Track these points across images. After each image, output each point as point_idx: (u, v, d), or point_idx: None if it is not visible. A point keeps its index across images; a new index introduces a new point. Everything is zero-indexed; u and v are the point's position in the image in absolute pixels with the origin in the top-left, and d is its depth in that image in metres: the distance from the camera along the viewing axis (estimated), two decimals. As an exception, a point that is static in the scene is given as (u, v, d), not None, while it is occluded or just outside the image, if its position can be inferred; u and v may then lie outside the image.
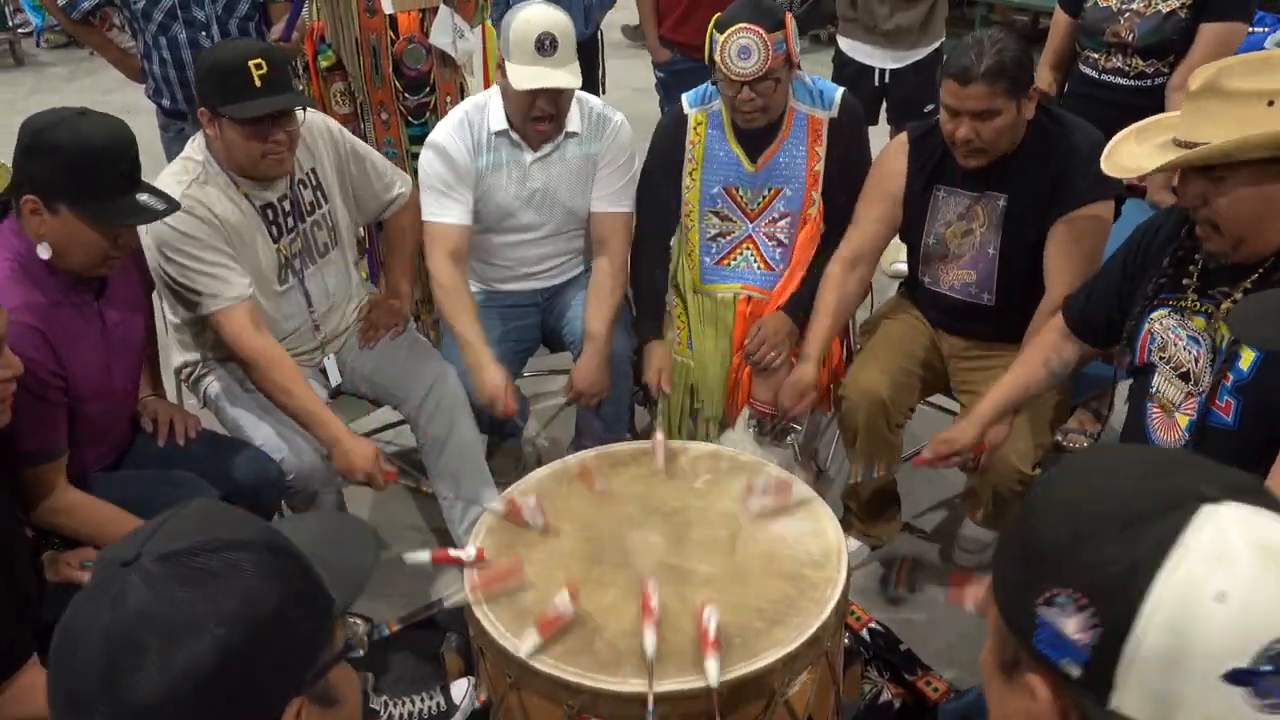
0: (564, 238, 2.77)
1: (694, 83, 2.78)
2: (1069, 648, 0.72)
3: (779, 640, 1.67)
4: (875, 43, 3.73)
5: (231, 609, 0.80)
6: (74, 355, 1.97)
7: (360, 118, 3.20)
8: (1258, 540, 0.69)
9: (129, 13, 3.11)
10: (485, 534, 1.95)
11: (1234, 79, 1.69)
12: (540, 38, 2.39)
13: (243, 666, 0.79)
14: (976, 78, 2.17)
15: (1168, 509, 0.71)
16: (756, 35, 2.37)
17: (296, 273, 2.49)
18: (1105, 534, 0.72)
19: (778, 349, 2.60)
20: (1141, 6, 2.73)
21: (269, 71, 2.20)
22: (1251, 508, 0.71)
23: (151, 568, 0.81)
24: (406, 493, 3.07)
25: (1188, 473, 0.74)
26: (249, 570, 0.82)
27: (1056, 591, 0.73)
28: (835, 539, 1.90)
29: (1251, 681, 0.68)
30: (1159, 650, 0.69)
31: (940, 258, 2.50)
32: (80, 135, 1.91)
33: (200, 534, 0.84)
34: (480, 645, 1.78)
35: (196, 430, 2.35)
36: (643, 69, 4.27)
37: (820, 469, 3.02)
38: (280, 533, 0.89)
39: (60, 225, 1.92)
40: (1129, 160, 1.89)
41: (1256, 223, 1.74)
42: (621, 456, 2.17)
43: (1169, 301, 1.94)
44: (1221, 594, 0.68)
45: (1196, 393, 1.88)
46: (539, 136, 2.57)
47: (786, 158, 2.63)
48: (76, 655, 0.80)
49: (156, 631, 0.78)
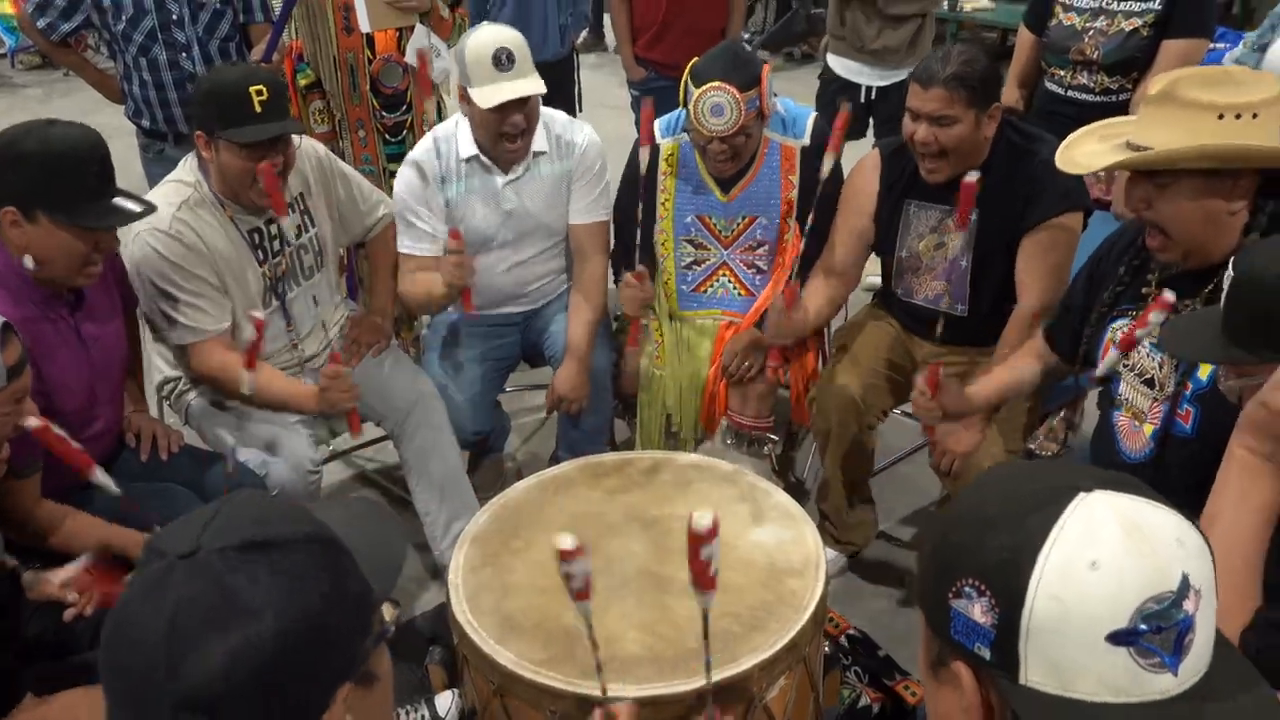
0: (543, 258, 2.79)
1: (668, 100, 2.82)
2: (978, 632, 0.80)
3: (758, 645, 1.70)
4: (862, 60, 3.80)
5: (287, 600, 0.83)
6: (53, 368, 1.99)
7: (338, 135, 3.23)
8: (1125, 516, 0.77)
9: (109, 34, 3.12)
10: (469, 545, 1.97)
11: (1190, 89, 1.75)
12: (496, 54, 2.43)
13: (299, 655, 0.83)
14: (938, 82, 2.23)
15: (1048, 499, 0.80)
16: (729, 94, 2.39)
17: (279, 295, 2.52)
18: (998, 526, 0.80)
19: (751, 360, 2.64)
20: (1105, 25, 2.80)
21: (269, 98, 2.24)
22: (1122, 494, 0.79)
23: (210, 560, 0.83)
24: (390, 508, 3.08)
25: (1067, 471, 0.83)
26: (302, 562, 0.86)
27: (962, 583, 0.81)
28: (814, 546, 1.93)
29: (1132, 641, 0.75)
30: (1048, 620, 0.76)
31: (913, 270, 2.55)
32: (49, 142, 1.94)
33: (255, 527, 0.86)
34: (464, 652, 1.80)
35: (179, 445, 2.36)
36: (618, 86, 4.31)
37: (798, 479, 3.05)
38: (325, 525, 0.92)
39: (40, 234, 1.94)
40: (1083, 157, 1.94)
41: (1199, 232, 1.79)
42: (604, 466, 2.20)
43: (1129, 312, 1.98)
44: (1094, 563, 0.76)
45: (1163, 399, 1.92)
46: (511, 157, 2.60)
47: (760, 188, 2.66)
48: (135, 644, 0.82)
49: (217, 622, 0.81)
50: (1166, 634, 0.76)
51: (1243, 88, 1.74)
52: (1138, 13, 2.76)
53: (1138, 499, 0.80)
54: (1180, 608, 0.76)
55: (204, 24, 3.11)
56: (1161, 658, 0.76)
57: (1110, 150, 1.87)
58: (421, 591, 2.73)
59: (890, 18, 3.69)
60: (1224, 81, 1.76)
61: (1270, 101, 1.72)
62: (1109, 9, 2.80)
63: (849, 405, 2.50)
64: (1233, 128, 1.70)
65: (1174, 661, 0.76)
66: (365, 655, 0.90)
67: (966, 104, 2.24)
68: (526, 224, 2.70)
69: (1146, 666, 0.76)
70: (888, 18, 3.69)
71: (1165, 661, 0.76)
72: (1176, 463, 1.87)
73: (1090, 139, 1.99)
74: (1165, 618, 0.75)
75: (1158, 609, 0.75)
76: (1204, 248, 1.81)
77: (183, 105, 3.15)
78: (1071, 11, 2.86)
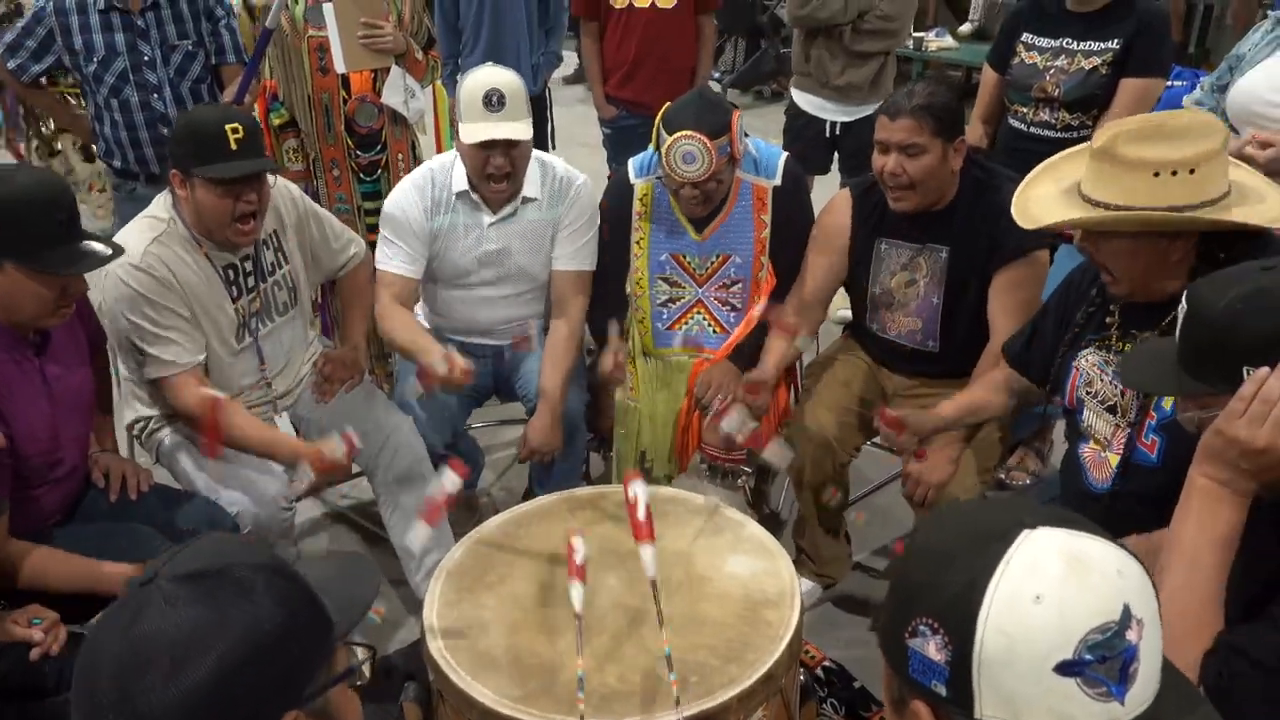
0: (521, 300, 2.80)
1: (639, 138, 2.85)
2: (933, 670, 0.82)
3: (734, 678, 1.70)
4: (827, 96, 3.87)
5: (238, 627, 0.87)
6: (16, 410, 1.97)
7: (313, 175, 3.25)
8: (1067, 551, 0.80)
9: (80, 75, 3.13)
10: (445, 579, 1.96)
11: (1127, 145, 1.77)
12: (488, 94, 2.47)
13: (245, 679, 0.87)
14: (904, 112, 2.30)
15: (994, 537, 0.82)
16: (700, 143, 2.43)
17: (253, 332, 2.52)
18: (946, 564, 0.83)
19: (724, 391, 2.66)
20: (1065, 63, 2.87)
21: (245, 136, 2.26)
22: (1064, 530, 0.82)
23: (167, 587, 0.89)
24: (363, 545, 3.07)
25: (1013, 509, 0.86)
26: (256, 591, 0.90)
27: (917, 622, 0.83)
28: (789, 578, 1.94)
29: (1079, 671, 0.78)
30: (997, 653, 0.79)
31: (886, 306, 2.58)
32: (13, 189, 1.91)
33: (214, 558, 0.92)
34: (439, 688, 1.79)
35: (149, 484, 2.34)
36: (590, 125, 4.36)
37: (772, 511, 3.07)
38: (286, 561, 0.97)
39: (5, 281, 1.92)
40: (1035, 207, 1.97)
41: (1141, 276, 1.84)
42: (579, 500, 2.20)
43: (1094, 342, 2.02)
44: (1039, 596, 0.78)
45: (1125, 425, 1.95)
46: (496, 197, 2.63)
47: (733, 227, 2.69)
48: (96, 668, 0.87)
49: (166, 647, 0.85)
50: (1111, 663, 0.78)
51: (1179, 142, 1.74)
52: (1097, 52, 2.84)
53: (1079, 533, 0.82)
54: (1123, 637, 0.78)
55: (175, 65, 3.13)
56: (1108, 687, 0.78)
57: (1061, 198, 1.91)
58: (397, 627, 2.72)
59: (855, 55, 3.79)
60: (1160, 136, 1.76)
61: (1208, 155, 1.73)
62: (1069, 48, 2.88)
63: (823, 446, 2.53)
64: (1168, 186, 1.72)
65: (1120, 690, 0.78)
66: (321, 688, 0.93)
67: (933, 133, 2.30)
68: (506, 266, 2.73)
69: (1094, 696, 0.78)
70: (853, 55, 3.79)
71: (1112, 690, 0.78)
72: (1142, 491, 1.90)
73: (1045, 181, 2.03)
74: (1109, 647, 0.78)
75: (1101, 639, 0.78)
76: (1148, 287, 1.86)
77: (154, 145, 3.16)
78: (1034, 51, 2.94)
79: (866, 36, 3.77)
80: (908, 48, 6.96)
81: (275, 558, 0.96)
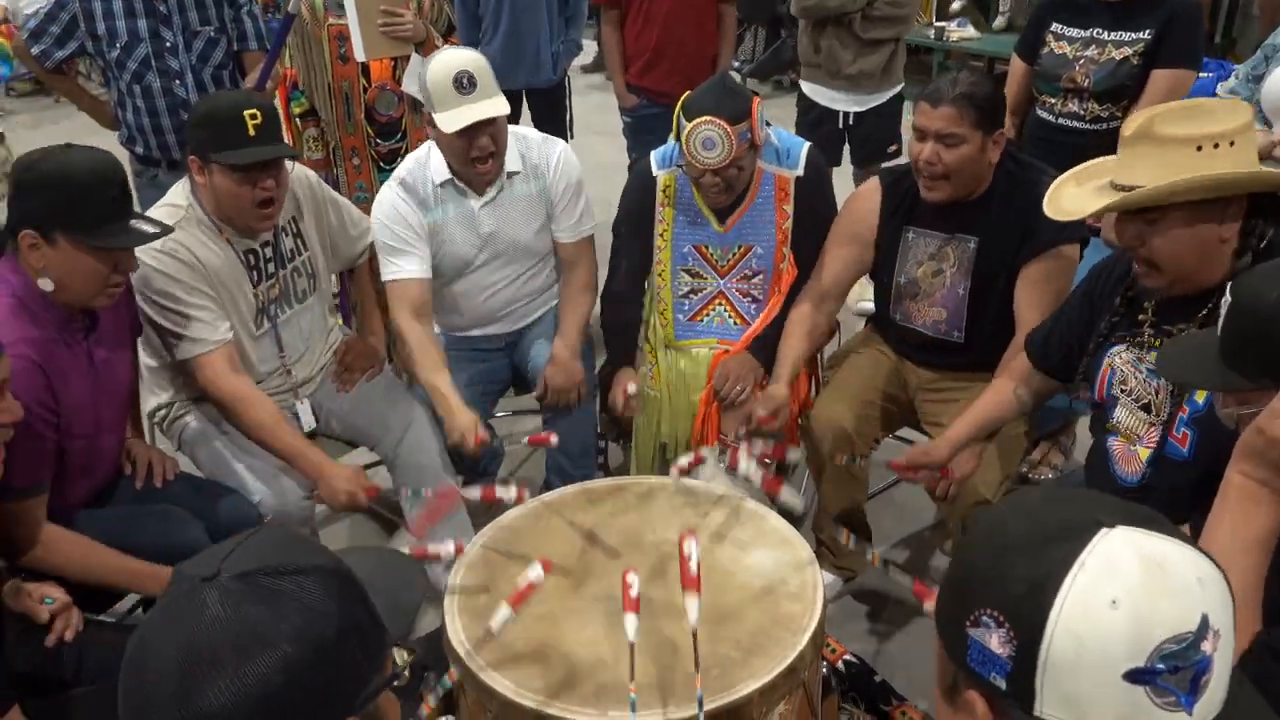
0: (524, 278, 2.80)
1: (659, 127, 2.82)
2: (994, 662, 0.80)
3: (757, 670, 1.69)
4: (838, 87, 3.84)
5: (301, 627, 0.85)
6: (66, 391, 1.98)
7: (333, 163, 3.25)
8: (1146, 555, 0.77)
9: (103, 61, 3.13)
10: (465, 571, 1.96)
11: (1165, 125, 1.76)
12: (458, 77, 2.42)
13: (307, 682, 0.84)
14: (946, 100, 2.26)
15: (1070, 534, 0.79)
16: (720, 128, 2.40)
17: (271, 318, 2.51)
18: (1018, 558, 0.80)
19: (743, 383, 2.64)
20: (1095, 53, 2.84)
21: (263, 122, 2.25)
22: (1143, 530, 0.79)
23: (229, 584, 0.86)
24: (383, 534, 3.07)
25: (1089, 504, 0.82)
26: (318, 593, 0.87)
27: (980, 612, 0.81)
28: (811, 571, 1.93)
29: (1149, 680, 0.75)
30: (1066, 655, 0.76)
31: (911, 296, 2.56)
32: (68, 165, 1.95)
33: (275, 556, 0.89)
34: (461, 681, 1.78)
35: (174, 472, 2.35)
36: (610, 113, 4.33)
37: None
38: (344, 561, 0.94)
39: (59, 256, 1.95)
40: (1070, 204, 1.95)
41: (1191, 260, 1.81)
42: (599, 491, 2.19)
43: (1126, 338, 1.99)
44: (1114, 601, 0.75)
45: (1158, 423, 1.93)
46: (483, 179, 2.59)
47: (755, 218, 2.67)
48: (151, 664, 0.84)
49: (231, 644, 0.83)
50: (1183, 674, 0.75)
51: (1215, 117, 1.76)
52: (1128, 42, 2.80)
53: (1160, 536, 0.79)
54: (1199, 649, 0.75)
55: (198, 52, 3.12)
56: (1178, 697, 0.75)
57: (1094, 193, 1.89)
58: (416, 617, 2.71)
59: (866, 43, 3.75)
60: (1197, 113, 1.78)
61: (1242, 129, 1.75)
62: (1100, 38, 2.84)
63: (841, 438, 2.50)
64: (1212, 157, 1.72)
65: (1189, 701, 0.76)
66: (373, 693, 0.91)
67: (974, 124, 2.27)
68: (504, 245, 2.71)
69: (1162, 705, 0.76)
70: (864, 43, 3.75)
71: (1181, 701, 0.76)
72: (1172, 485, 1.88)
73: (1068, 185, 2.01)
74: (1183, 658, 0.75)
75: (1176, 649, 0.75)
76: (1192, 277, 1.82)
77: (176, 132, 3.15)
78: (1063, 40, 2.91)
79: (877, 23, 3.72)
80: (929, 38, 6.92)
81: (333, 557, 0.94)
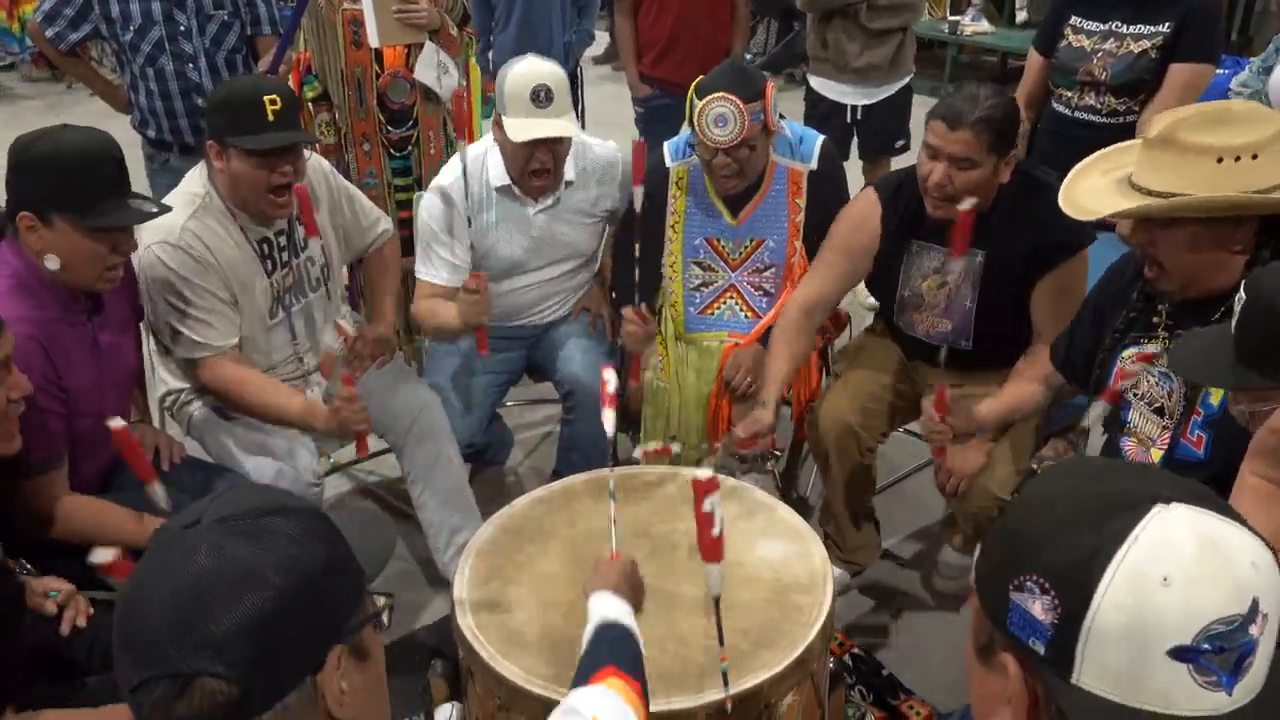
0: (565, 276, 2.81)
1: (672, 118, 2.81)
2: (1035, 628, 0.79)
3: (766, 662, 1.69)
4: (846, 80, 3.81)
5: (286, 560, 0.90)
6: (69, 371, 1.98)
7: (344, 149, 3.24)
8: (1202, 534, 0.76)
9: (116, 44, 3.12)
10: (475, 558, 1.96)
11: (1189, 132, 1.72)
12: (535, 89, 2.42)
13: (298, 609, 0.89)
14: (966, 124, 2.18)
15: (1125, 507, 0.78)
16: (733, 105, 2.39)
17: (286, 307, 2.51)
18: (1070, 526, 0.80)
19: (754, 374, 2.63)
20: (1114, 46, 2.82)
21: (282, 108, 2.25)
22: (1200, 509, 0.78)
23: (213, 528, 0.91)
24: (392, 522, 3.07)
25: (1147, 478, 0.82)
26: (297, 530, 0.93)
27: (1025, 577, 0.80)
28: (820, 562, 1.93)
29: (1193, 659, 0.75)
30: (1110, 627, 0.76)
31: (915, 308, 2.52)
32: (62, 144, 1.95)
33: (253, 501, 0.94)
34: (469, 665, 1.79)
35: (181, 456, 2.35)
36: (622, 103, 4.33)
37: (801, 496, 3.05)
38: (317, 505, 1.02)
39: (57, 237, 1.94)
40: (1087, 198, 1.91)
41: (1198, 269, 1.80)
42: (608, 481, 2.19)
43: (1140, 339, 1.98)
44: (1167, 578, 0.75)
45: (1172, 426, 1.92)
46: (538, 190, 2.60)
47: (768, 211, 2.66)
48: (144, 606, 0.88)
49: (223, 581, 0.87)
50: (1228, 655, 0.75)
51: (1243, 127, 1.72)
52: (1147, 35, 2.78)
53: (1217, 516, 0.78)
54: (1246, 631, 0.75)
55: (211, 35, 3.12)
56: (1220, 677, 0.75)
57: (1112, 189, 1.87)
58: (425, 604, 2.72)
59: (873, 34, 3.71)
60: (1224, 121, 1.73)
61: (1270, 140, 1.70)
62: (1118, 31, 2.82)
63: (845, 431, 2.49)
64: (1232, 171, 1.69)
65: (1231, 682, 0.76)
66: (358, 625, 0.96)
67: (989, 149, 2.21)
68: (554, 249, 2.72)
69: (1203, 684, 0.75)
70: (871, 34, 3.71)
71: (1222, 681, 0.75)
72: None
73: (1093, 172, 1.97)
74: (1230, 639, 0.75)
75: (1224, 630, 0.74)
76: (1201, 282, 1.81)
77: (188, 116, 3.15)
78: (1081, 34, 2.88)
79: (883, 13, 3.68)
80: (942, 31, 6.90)
81: (308, 502, 1.00)
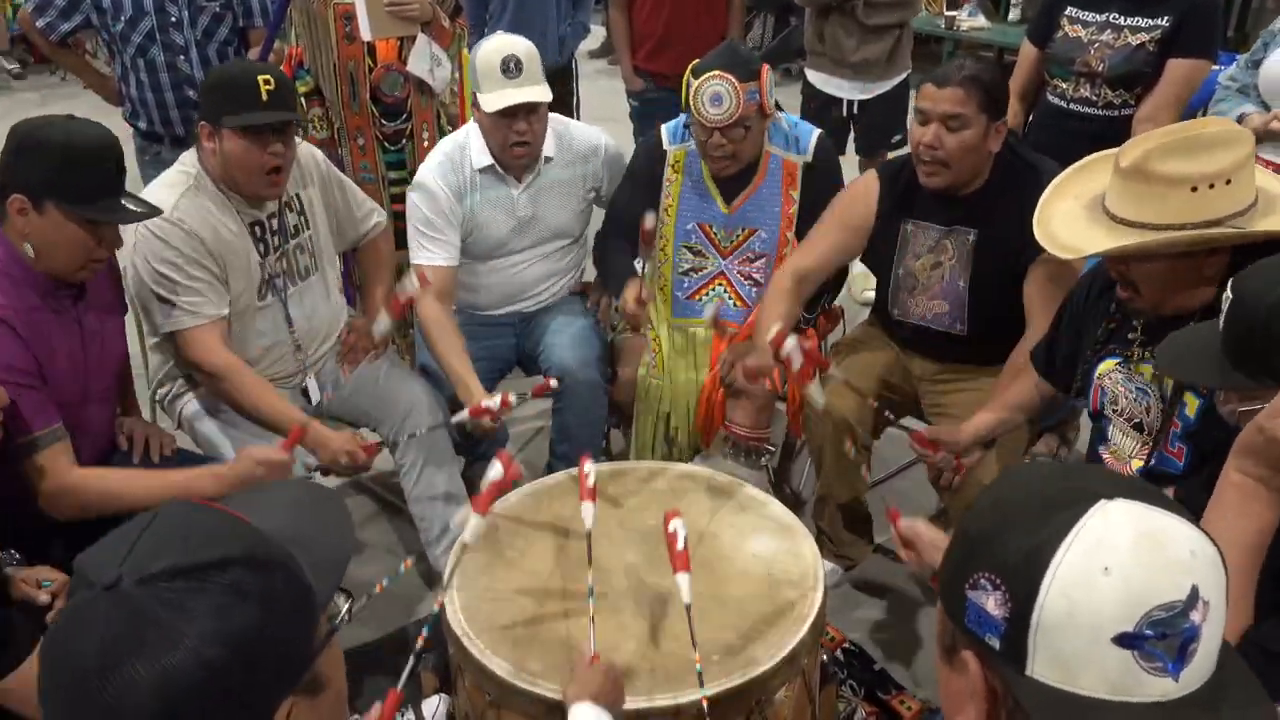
0: (553, 258, 2.83)
1: (666, 112, 2.81)
2: (989, 623, 0.83)
3: (757, 657, 1.69)
4: (843, 75, 3.81)
5: (214, 627, 0.81)
6: (51, 359, 1.98)
7: (337, 143, 3.22)
8: (1141, 526, 0.80)
9: (107, 35, 3.11)
10: (464, 553, 1.94)
11: (1161, 162, 1.70)
12: (505, 60, 2.48)
13: (228, 681, 0.81)
14: (953, 81, 2.24)
15: (1069, 504, 0.82)
16: (728, 83, 2.42)
17: (278, 291, 2.50)
18: (1017, 525, 0.83)
19: (750, 370, 2.62)
20: (1111, 38, 2.80)
21: (275, 88, 2.27)
22: (1141, 504, 0.81)
23: (132, 591, 0.81)
24: (383, 516, 3.07)
25: (1091, 477, 0.86)
26: (228, 588, 0.83)
27: (979, 575, 0.84)
28: (812, 558, 1.92)
29: (1137, 645, 0.78)
30: (1058, 618, 0.79)
31: (910, 290, 2.53)
32: (69, 134, 1.95)
33: (179, 551, 0.84)
34: (458, 660, 1.78)
35: (171, 449, 2.34)
36: (616, 97, 4.32)
37: (794, 491, 3.04)
38: (261, 539, 0.89)
39: (46, 225, 1.93)
40: (1063, 232, 1.90)
41: (1171, 291, 1.80)
42: (600, 476, 2.17)
43: (1116, 351, 1.97)
44: (1108, 568, 0.78)
45: (1150, 441, 1.92)
46: (519, 164, 2.63)
47: (761, 200, 2.66)
48: (69, 675, 0.81)
49: (142, 655, 0.80)
50: (1171, 640, 0.78)
51: (1214, 153, 1.69)
52: (1145, 28, 2.77)
53: (1158, 510, 0.82)
54: (1187, 617, 0.78)
55: (203, 27, 3.11)
56: (1164, 663, 0.78)
57: (1086, 218, 1.85)
58: (416, 598, 2.71)
59: (871, 29, 3.71)
60: (1195, 148, 1.70)
61: (1242, 162, 1.70)
62: (1116, 23, 2.80)
63: (841, 427, 2.49)
64: (1206, 199, 1.67)
65: (1176, 668, 0.79)
66: (305, 666, 0.88)
67: (979, 107, 2.24)
68: (539, 229, 2.75)
69: (1149, 670, 0.78)
70: (868, 29, 3.70)
71: (1168, 667, 0.79)
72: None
73: (1065, 197, 1.96)
74: (1171, 625, 0.78)
75: (1164, 616, 0.78)
76: (1176, 303, 1.81)
77: (179, 107, 3.14)
78: (1078, 24, 2.86)
79: (880, 9, 3.68)
80: (939, 26, 6.88)
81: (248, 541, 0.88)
